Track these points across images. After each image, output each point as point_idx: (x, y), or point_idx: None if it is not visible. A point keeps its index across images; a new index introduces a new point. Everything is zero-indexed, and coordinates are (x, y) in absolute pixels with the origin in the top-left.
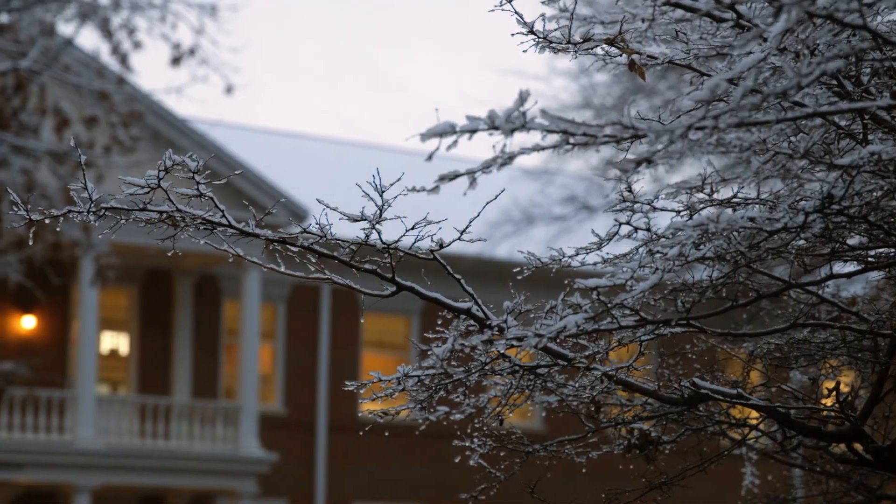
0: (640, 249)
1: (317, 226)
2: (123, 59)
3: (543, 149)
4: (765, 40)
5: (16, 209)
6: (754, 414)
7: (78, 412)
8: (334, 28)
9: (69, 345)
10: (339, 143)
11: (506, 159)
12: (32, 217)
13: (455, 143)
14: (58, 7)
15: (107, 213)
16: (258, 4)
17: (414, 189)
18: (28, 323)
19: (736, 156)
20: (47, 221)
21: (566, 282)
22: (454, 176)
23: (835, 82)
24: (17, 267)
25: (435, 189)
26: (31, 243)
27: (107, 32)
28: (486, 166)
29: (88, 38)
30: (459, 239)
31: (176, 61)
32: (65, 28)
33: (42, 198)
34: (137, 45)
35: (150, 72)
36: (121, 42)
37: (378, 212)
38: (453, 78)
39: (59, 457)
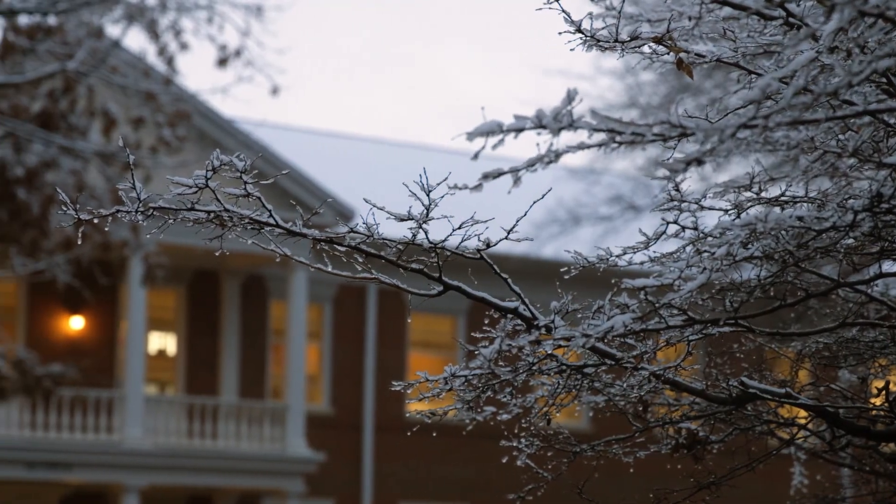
0: (688, 249)
1: (364, 225)
2: (170, 61)
3: (589, 147)
4: (815, 39)
5: (65, 209)
6: (803, 413)
7: (126, 412)
8: (372, 27)
9: (117, 345)
10: (382, 143)
11: (552, 157)
12: (81, 217)
13: (501, 141)
14: (104, 9)
15: (155, 212)
16: (298, 4)
17: (457, 187)
18: (76, 323)
19: (783, 154)
20: (96, 221)
21: (613, 281)
22: (498, 174)
23: (884, 80)
24: (65, 267)
25: (478, 186)
26: (79, 243)
27: (154, 34)
28: (532, 164)
29: (135, 40)
30: (506, 238)
31: (222, 62)
32: (112, 30)
33: (91, 198)
34: (184, 46)
35: (196, 73)
36: (167, 44)
37: (425, 211)
38: (496, 78)
39: (107, 457)
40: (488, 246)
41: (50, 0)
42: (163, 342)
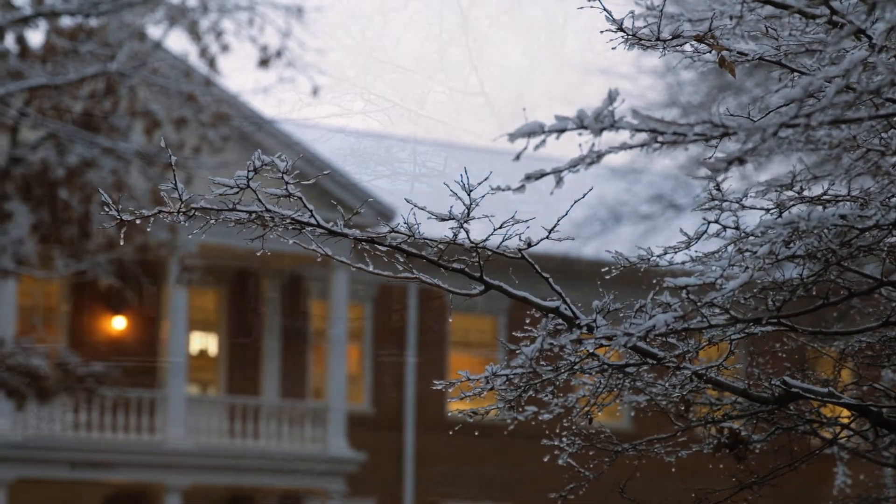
0: (730, 248)
1: (405, 225)
2: (212, 62)
3: (631, 147)
4: (858, 38)
5: (106, 210)
6: (845, 413)
7: (168, 412)
8: (408, 27)
9: (159, 345)
10: (421, 143)
11: (594, 158)
12: (123, 217)
13: (543, 142)
14: (146, 10)
15: (196, 213)
16: (337, 5)
17: (500, 188)
18: (118, 324)
19: (825, 153)
20: (138, 222)
21: (655, 281)
22: (541, 175)
23: None
24: (107, 268)
25: (521, 188)
26: (121, 244)
27: (195, 35)
28: (574, 165)
29: (177, 42)
30: (547, 238)
31: (264, 63)
32: (153, 31)
33: (130, 198)
34: (225, 47)
35: (237, 73)
36: (209, 45)
37: (466, 211)
38: (535, 77)
39: (149, 457)
40: (529, 245)
41: (92, 2)
42: (204, 342)
